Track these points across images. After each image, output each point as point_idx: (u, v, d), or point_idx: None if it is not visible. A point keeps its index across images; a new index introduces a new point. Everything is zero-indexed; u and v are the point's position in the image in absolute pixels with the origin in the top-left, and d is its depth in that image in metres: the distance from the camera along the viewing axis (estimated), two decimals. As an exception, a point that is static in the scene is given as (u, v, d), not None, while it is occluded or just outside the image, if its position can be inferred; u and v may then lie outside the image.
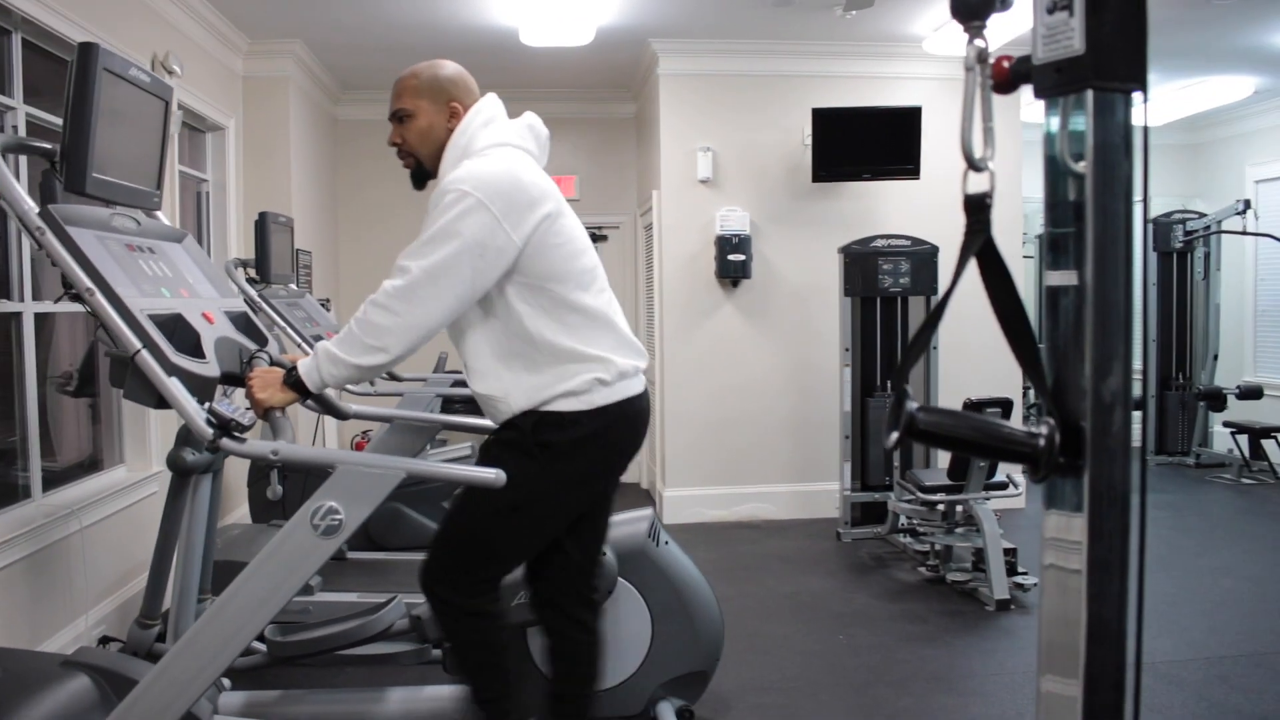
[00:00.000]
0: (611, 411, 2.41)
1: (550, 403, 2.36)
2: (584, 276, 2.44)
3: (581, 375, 2.36)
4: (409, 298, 2.23)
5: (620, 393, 2.42)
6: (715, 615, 3.59)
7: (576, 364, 2.37)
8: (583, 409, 2.37)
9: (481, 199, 2.27)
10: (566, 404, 2.37)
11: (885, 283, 6.38)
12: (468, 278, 2.26)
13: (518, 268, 2.33)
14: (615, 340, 2.45)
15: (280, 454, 2.06)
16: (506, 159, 2.41)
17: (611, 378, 2.39)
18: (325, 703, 3.42)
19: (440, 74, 2.54)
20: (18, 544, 3.71)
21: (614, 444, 2.47)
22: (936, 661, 4.34)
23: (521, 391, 2.37)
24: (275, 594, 2.05)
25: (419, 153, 2.54)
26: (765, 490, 7.04)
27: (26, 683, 2.56)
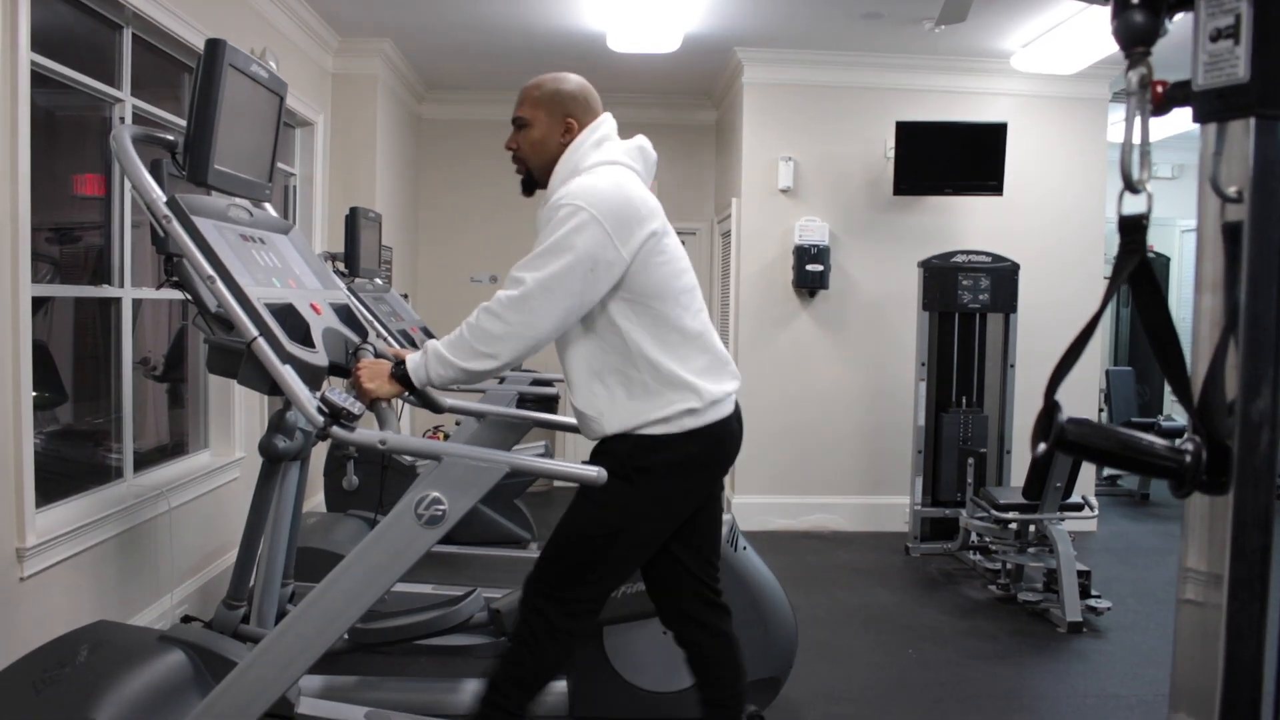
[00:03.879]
0: (702, 435, 2.47)
1: (643, 428, 2.43)
2: (684, 296, 2.50)
3: (675, 405, 2.42)
4: (522, 308, 2.30)
5: (709, 418, 2.47)
6: (789, 622, 3.60)
7: (670, 391, 2.42)
8: (674, 432, 2.43)
9: (594, 214, 2.33)
10: (658, 429, 2.43)
11: (964, 298, 6.33)
12: (578, 291, 2.32)
13: (623, 284, 2.39)
14: (709, 361, 2.51)
15: (388, 443, 2.11)
16: (616, 176, 2.47)
17: (702, 406, 2.45)
18: (401, 690, 3.48)
19: (561, 88, 2.59)
20: (110, 522, 3.82)
21: (705, 465, 2.54)
22: (1007, 681, 4.31)
23: (615, 415, 2.43)
24: (376, 581, 2.10)
25: (530, 162, 2.60)
26: (834, 501, 7.01)
27: (128, 654, 2.65)
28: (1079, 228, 7.02)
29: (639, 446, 2.42)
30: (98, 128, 4.14)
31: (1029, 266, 6.48)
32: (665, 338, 2.43)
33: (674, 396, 2.42)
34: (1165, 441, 1.02)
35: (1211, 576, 1.03)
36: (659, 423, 2.42)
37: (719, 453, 2.55)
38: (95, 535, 3.72)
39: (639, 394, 2.42)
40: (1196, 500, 1.03)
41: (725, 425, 2.53)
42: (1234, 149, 0.97)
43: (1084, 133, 7.03)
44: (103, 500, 3.89)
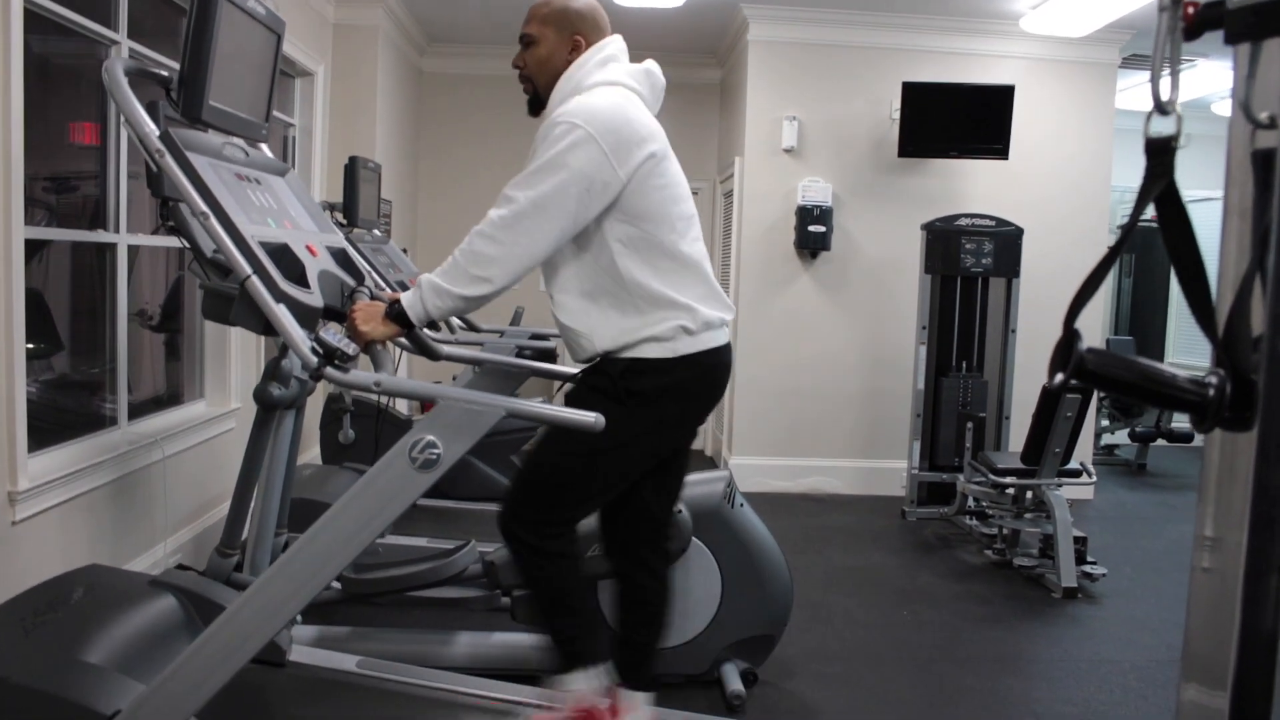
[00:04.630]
0: (695, 361, 2.40)
1: (635, 347, 2.36)
2: (680, 223, 2.43)
3: (668, 322, 2.35)
4: (514, 227, 2.24)
5: (704, 343, 2.41)
6: (785, 580, 3.58)
7: (663, 310, 2.36)
8: (667, 356, 2.37)
9: (591, 132, 2.27)
10: (652, 350, 2.36)
11: (967, 262, 6.28)
12: (572, 210, 2.26)
13: (618, 205, 2.33)
14: (705, 290, 2.44)
15: (383, 385, 2.07)
16: (617, 96, 2.41)
17: (697, 327, 2.38)
18: (394, 641, 3.46)
19: (570, 5, 2.53)
20: (103, 469, 3.79)
21: (696, 394, 2.47)
22: (1001, 644, 4.30)
23: (606, 332, 2.37)
24: (369, 525, 2.06)
25: (536, 80, 2.53)
26: (831, 464, 7.00)
27: (119, 597, 2.63)
28: (1085, 194, 6.96)
29: (631, 369, 2.37)
30: (94, 75, 4.08)
31: (1033, 232, 6.43)
32: (659, 263, 2.37)
33: (667, 314, 2.37)
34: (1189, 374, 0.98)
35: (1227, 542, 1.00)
36: (652, 342, 2.36)
37: (710, 382, 2.49)
38: (89, 481, 3.69)
39: (631, 313, 2.37)
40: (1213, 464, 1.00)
41: (718, 354, 2.48)
42: (1267, 72, 0.93)
43: (1092, 98, 6.95)
44: (96, 447, 3.86)
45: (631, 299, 2.36)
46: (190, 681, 2.12)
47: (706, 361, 2.43)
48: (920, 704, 3.66)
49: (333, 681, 2.73)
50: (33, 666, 2.23)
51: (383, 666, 2.84)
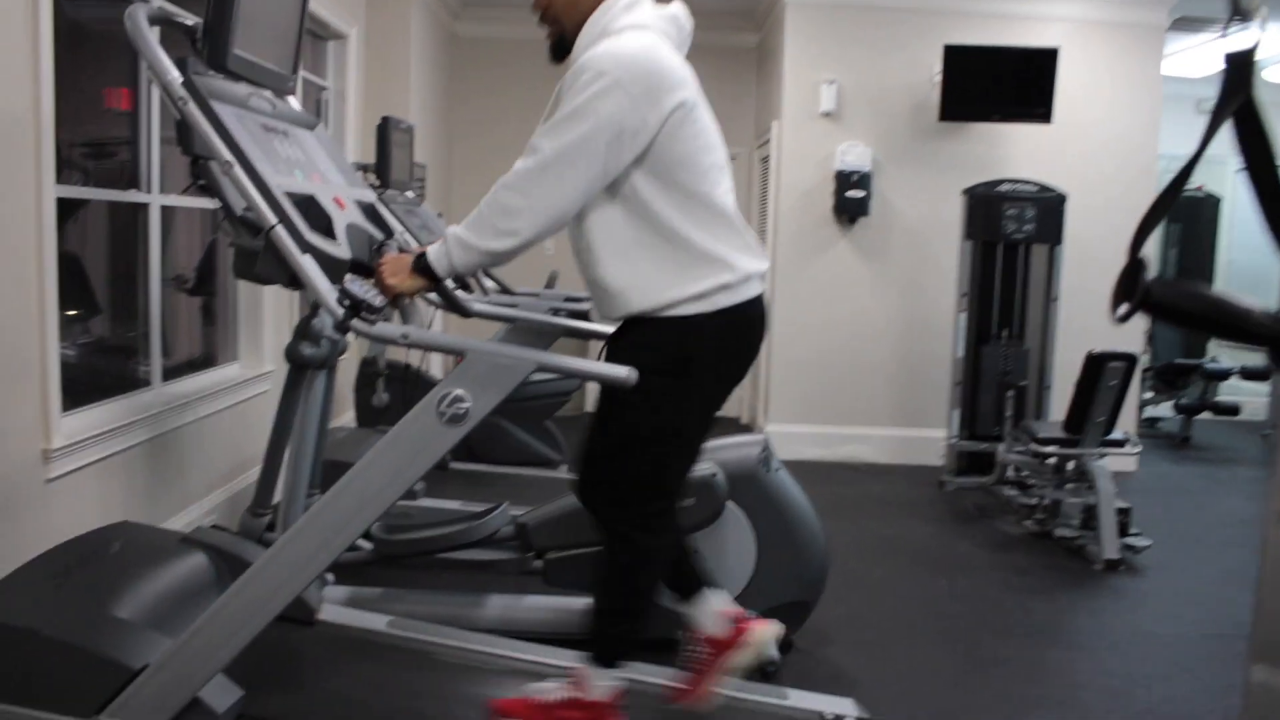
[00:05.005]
0: (737, 314, 2.32)
1: (675, 306, 2.27)
2: (713, 172, 2.35)
3: (708, 278, 2.27)
4: (541, 179, 2.16)
5: (743, 295, 2.33)
6: (821, 546, 3.53)
7: (701, 265, 2.28)
8: (707, 311, 2.29)
9: (619, 79, 2.18)
10: (692, 307, 2.28)
11: (1008, 228, 6.16)
12: (601, 160, 2.18)
13: (649, 154, 2.24)
14: (741, 241, 2.36)
15: (410, 337, 2.02)
16: (645, 40, 2.30)
17: (736, 280, 2.30)
18: (425, 603, 3.44)
19: None
20: (137, 429, 3.79)
21: (738, 348, 2.39)
22: (1040, 614, 4.23)
23: (641, 289, 2.28)
24: (395, 480, 2.02)
25: (563, 21, 2.41)
26: (868, 433, 6.92)
27: (150, 553, 2.62)
28: (1129, 159, 6.79)
29: (680, 332, 2.28)
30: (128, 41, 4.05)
31: (1076, 198, 6.29)
32: (694, 212, 2.29)
33: (706, 270, 2.28)
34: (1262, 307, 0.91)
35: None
36: (694, 300, 2.27)
37: (752, 335, 2.41)
38: (122, 441, 3.69)
39: (669, 268, 2.27)
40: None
41: (757, 306, 2.39)
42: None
43: (1138, 62, 6.77)
44: (130, 407, 3.86)
45: (671, 251, 2.27)
46: (217, 637, 2.10)
47: (746, 314, 2.34)
48: (956, 673, 3.61)
49: (362, 640, 2.71)
50: (62, 620, 2.22)
51: (413, 627, 2.81)
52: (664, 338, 2.29)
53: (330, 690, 2.44)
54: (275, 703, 2.32)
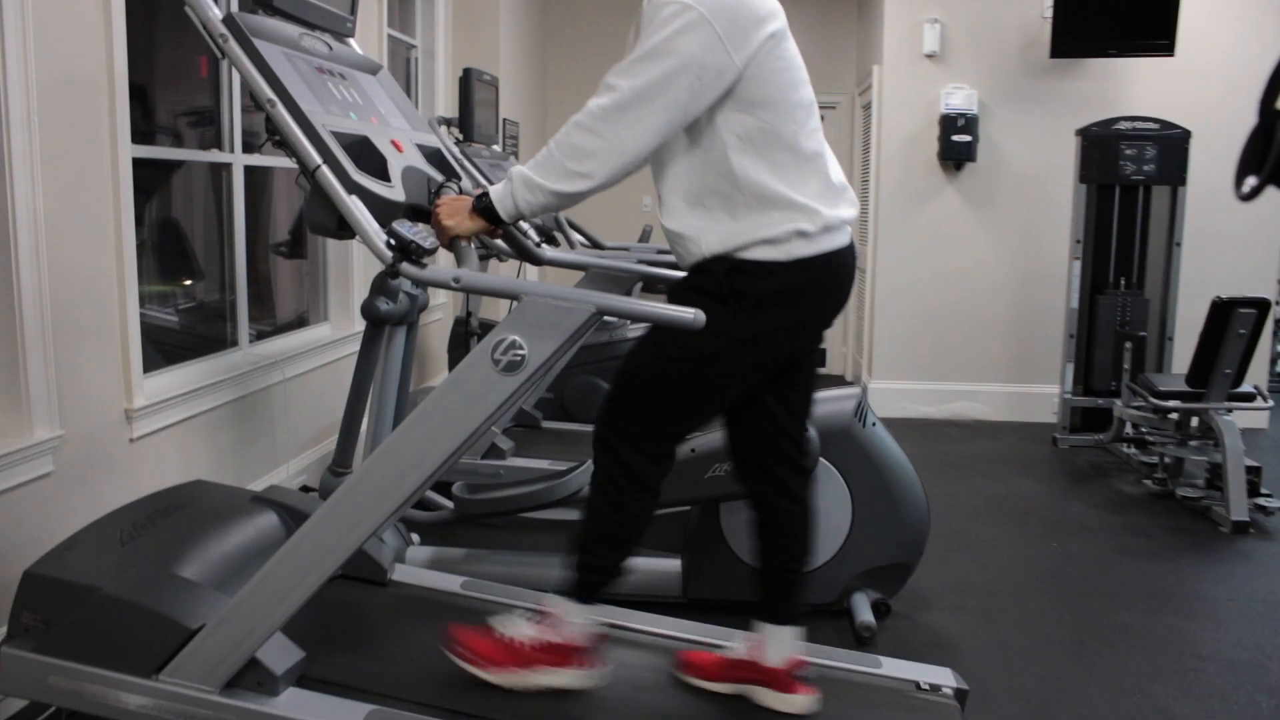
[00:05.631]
0: (811, 265, 2.14)
1: (745, 250, 2.11)
2: (800, 111, 2.16)
3: (782, 225, 2.10)
4: (616, 119, 2.01)
5: (822, 245, 2.15)
6: (921, 506, 3.34)
7: (778, 211, 2.10)
8: (779, 259, 2.11)
9: (704, 13, 2.01)
10: (762, 252, 2.11)
11: (1126, 169, 5.79)
12: (682, 101, 2.02)
13: (733, 93, 2.07)
14: (824, 185, 2.17)
15: (462, 281, 1.90)
16: None
17: (815, 229, 2.12)
18: (508, 564, 3.36)
19: None
20: (223, 389, 3.78)
21: (811, 300, 2.20)
22: (1161, 579, 3.96)
23: (715, 234, 2.13)
24: (450, 432, 1.90)
25: None
26: (977, 389, 6.64)
27: (219, 512, 2.57)
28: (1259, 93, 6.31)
29: (738, 269, 2.12)
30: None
31: (1201, 135, 5.87)
32: (776, 157, 2.11)
33: (781, 217, 2.10)
34: None
35: None
36: (764, 244, 2.10)
37: (830, 288, 2.22)
38: (207, 401, 3.68)
39: (743, 214, 2.11)
40: None
41: (839, 257, 2.20)
42: None
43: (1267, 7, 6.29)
44: (216, 367, 3.85)
45: (744, 199, 2.10)
46: (273, 595, 2.02)
47: (824, 265, 2.16)
48: (1068, 642, 3.39)
49: (434, 602, 2.62)
50: (125, 578, 2.17)
51: (488, 588, 2.72)
52: (723, 269, 2.13)
53: (397, 653, 2.36)
54: (339, 665, 2.24)
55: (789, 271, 2.11)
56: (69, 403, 2.93)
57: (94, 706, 2.11)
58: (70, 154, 2.91)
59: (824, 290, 2.20)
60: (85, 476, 3.02)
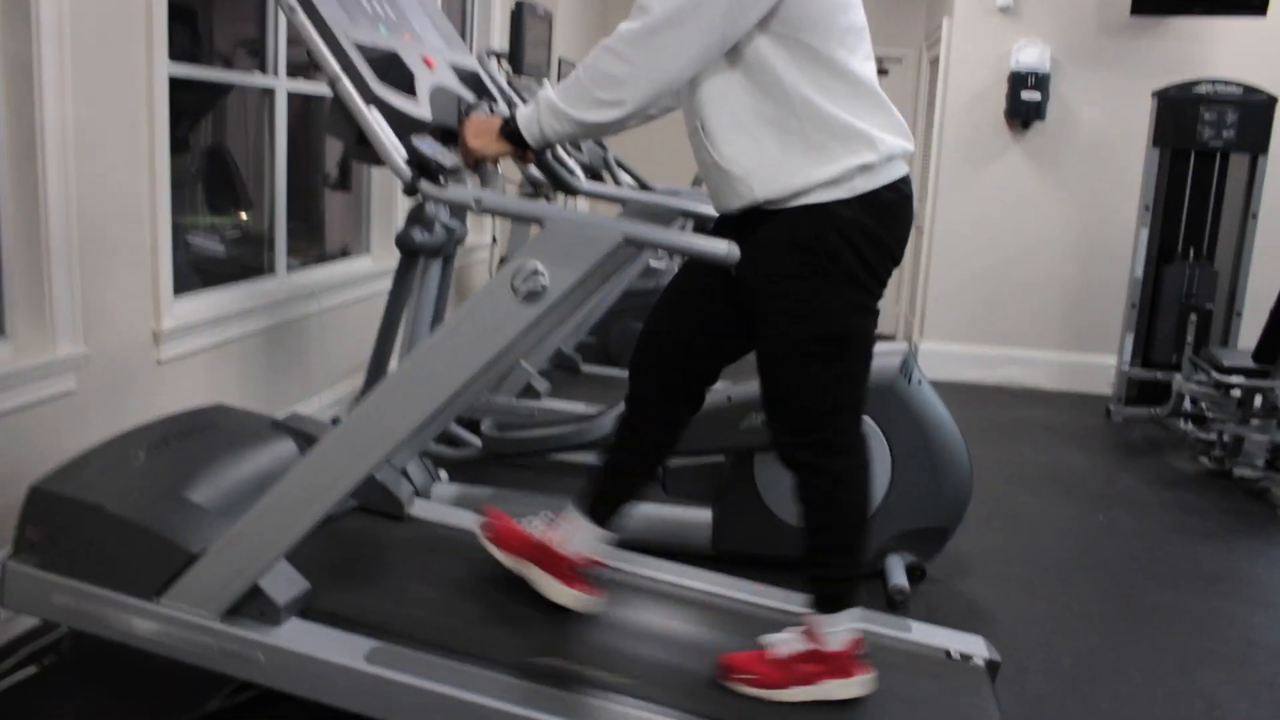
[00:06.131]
0: (878, 200, 1.98)
1: (806, 194, 1.95)
2: (850, 36, 2.00)
3: (844, 160, 1.94)
4: (648, 44, 1.87)
5: (886, 177, 1.99)
6: (964, 469, 3.21)
7: (836, 143, 1.94)
8: (845, 198, 1.95)
9: None
10: (827, 194, 1.95)
11: (1204, 135, 5.54)
12: (719, 25, 1.87)
13: (776, 13, 1.91)
14: (884, 116, 2.01)
15: (483, 203, 1.80)
16: None
17: (878, 160, 1.96)
18: (534, 505, 3.26)
19: None
20: (256, 316, 3.73)
21: (884, 238, 2.02)
22: (1212, 561, 3.81)
23: (768, 173, 1.96)
24: (465, 361, 1.81)
25: None
26: (1031, 355, 6.45)
27: (236, 437, 2.51)
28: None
29: (819, 225, 1.95)
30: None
31: (1290, 100, 5.59)
32: (827, 83, 1.94)
33: (841, 150, 1.94)
34: None
35: None
36: (828, 186, 1.94)
37: (900, 224, 2.05)
38: (240, 327, 3.63)
39: (796, 147, 1.95)
40: None
41: (904, 189, 2.04)
42: None
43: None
44: (250, 293, 3.79)
45: (800, 126, 1.94)
46: (276, 522, 1.96)
47: (892, 200, 2.01)
48: (1111, 619, 3.26)
49: (450, 539, 2.55)
50: (131, 498, 2.12)
51: (506, 528, 2.64)
52: (805, 234, 1.97)
53: (406, 590, 2.29)
54: (345, 598, 2.17)
55: (852, 209, 1.95)
56: (94, 320, 2.88)
57: (95, 626, 2.07)
58: (103, 66, 2.84)
59: (893, 226, 2.03)
60: (109, 397, 2.98)
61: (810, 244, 1.97)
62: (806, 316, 1.97)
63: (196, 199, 4.08)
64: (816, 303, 1.98)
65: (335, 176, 5.11)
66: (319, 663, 1.96)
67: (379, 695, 1.94)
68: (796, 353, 2.04)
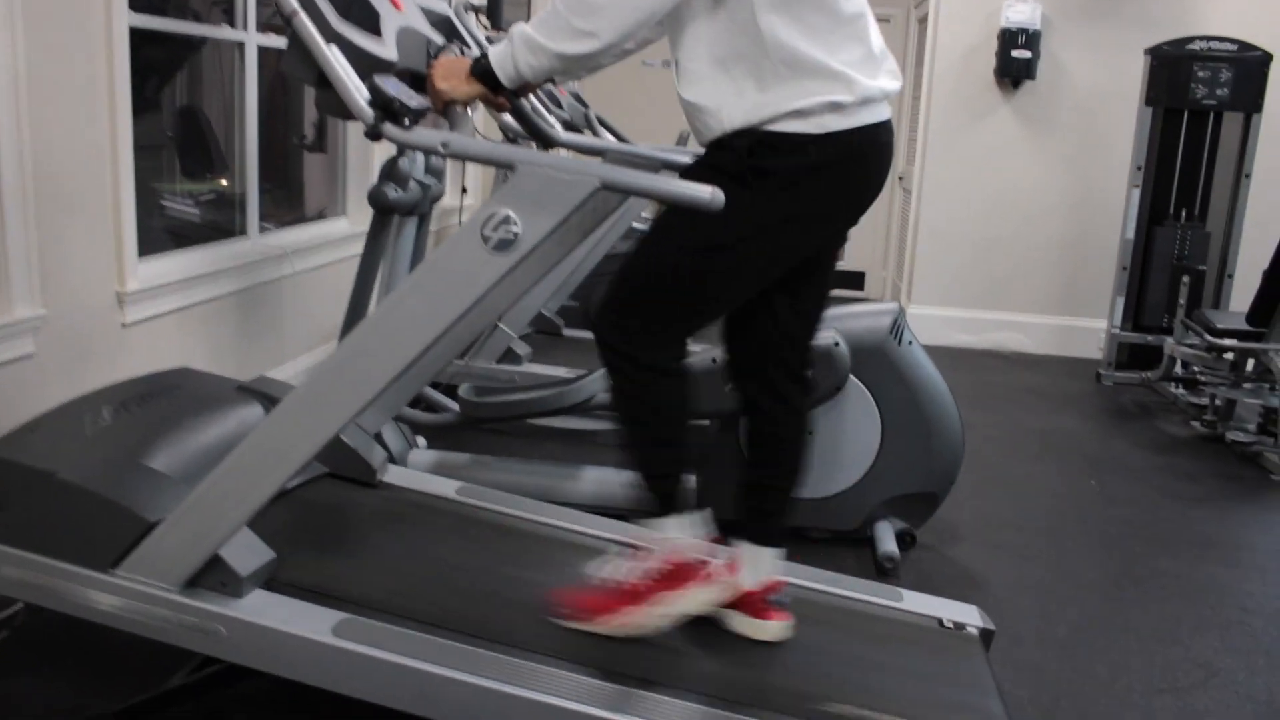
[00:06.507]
0: (845, 141, 1.89)
1: (772, 122, 1.87)
2: None
3: (815, 95, 1.85)
4: None
5: (859, 119, 1.90)
6: (955, 432, 3.13)
7: (811, 80, 1.85)
8: (810, 133, 1.87)
9: None
10: (791, 125, 1.87)
11: (1197, 93, 5.44)
12: None
13: None
14: (863, 53, 1.92)
15: (450, 146, 1.68)
16: None
17: (852, 100, 1.87)
18: (514, 472, 3.19)
19: None
20: (226, 278, 3.61)
21: (845, 182, 1.96)
22: (1205, 525, 3.75)
23: (739, 105, 1.88)
24: (433, 315, 1.69)
25: None
26: (1021, 320, 6.37)
27: (200, 402, 2.40)
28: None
29: (762, 144, 1.88)
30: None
31: (1288, 57, 5.50)
32: (810, 19, 1.85)
33: (814, 86, 1.86)
34: None
35: None
36: (792, 116, 1.86)
37: (865, 169, 1.97)
38: (209, 290, 3.51)
39: (771, 83, 1.86)
40: None
41: (876, 134, 1.95)
42: None
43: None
44: (220, 255, 3.67)
45: (772, 65, 1.85)
46: (237, 488, 1.85)
47: (860, 142, 1.92)
48: (1105, 585, 3.19)
49: (424, 507, 2.44)
50: (85, 464, 2.01)
51: (483, 495, 2.54)
52: (743, 143, 1.89)
53: (376, 559, 2.19)
54: (312, 568, 2.07)
55: (820, 147, 1.86)
56: (54, 281, 2.75)
57: (48, 600, 1.96)
58: (58, 14, 2.70)
59: (858, 171, 1.95)
60: (70, 361, 2.86)
61: (741, 153, 1.90)
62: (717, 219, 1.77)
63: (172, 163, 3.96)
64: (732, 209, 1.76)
65: (311, 138, 4.98)
66: (283, 636, 1.85)
67: (346, 669, 1.84)
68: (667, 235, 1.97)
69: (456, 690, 1.81)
